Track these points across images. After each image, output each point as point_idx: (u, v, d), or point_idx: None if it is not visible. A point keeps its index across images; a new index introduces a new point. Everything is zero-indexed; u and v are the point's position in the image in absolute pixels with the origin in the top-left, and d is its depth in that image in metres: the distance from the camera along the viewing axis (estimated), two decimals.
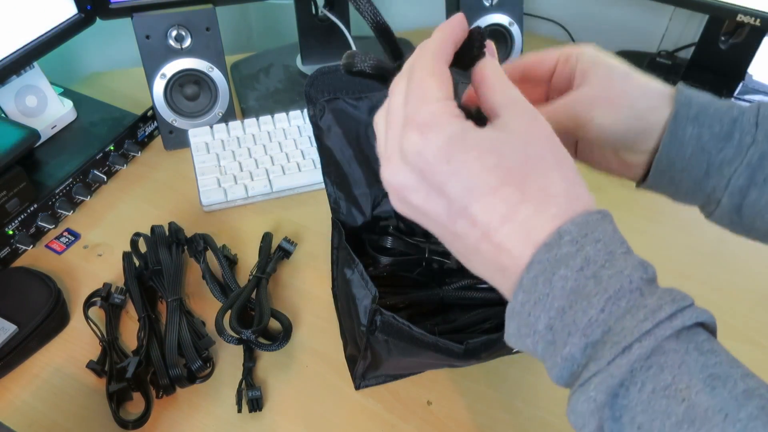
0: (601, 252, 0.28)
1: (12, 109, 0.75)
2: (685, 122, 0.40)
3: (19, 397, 0.57)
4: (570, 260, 0.28)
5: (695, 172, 0.40)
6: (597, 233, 0.29)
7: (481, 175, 0.30)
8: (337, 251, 0.58)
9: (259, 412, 0.56)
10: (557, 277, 0.28)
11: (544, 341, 0.29)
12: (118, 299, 0.62)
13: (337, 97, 0.55)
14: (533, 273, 0.29)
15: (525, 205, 0.29)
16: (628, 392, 0.27)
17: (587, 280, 0.28)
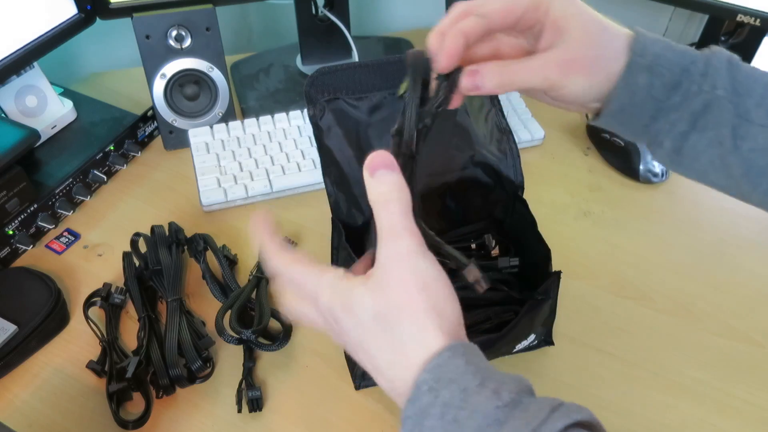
0: (456, 393, 0.30)
1: (12, 109, 0.75)
2: (637, 72, 0.41)
3: (19, 397, 0.57)
4: (431, 409, 0.30)
5: (643, 116, 0.42)
6: (449, 373, 0.31)
7: (350, 336, 0.35)
8: (337, 252, 0.58)
9: (259, 412, 0.56)
10: (426, 428, 0.30)
11: None
12: (118, 299, 0.62)
13: (337, 98, 0.55)
14: (408, 428, 0.31)
15: (380, 358, 0.33)
16: None
17: (450, 425, 0.30)
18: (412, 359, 0.32)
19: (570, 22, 0.41)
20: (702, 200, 0.77)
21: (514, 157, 0.60)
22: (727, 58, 0.41)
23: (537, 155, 0.83)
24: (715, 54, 0.41)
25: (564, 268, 0.53)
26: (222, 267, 0.64)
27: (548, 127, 0.85)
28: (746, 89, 0.41)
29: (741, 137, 0.40)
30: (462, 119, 0.59)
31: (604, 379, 0.59)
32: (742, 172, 0.41)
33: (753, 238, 0.72)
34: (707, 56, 0.41)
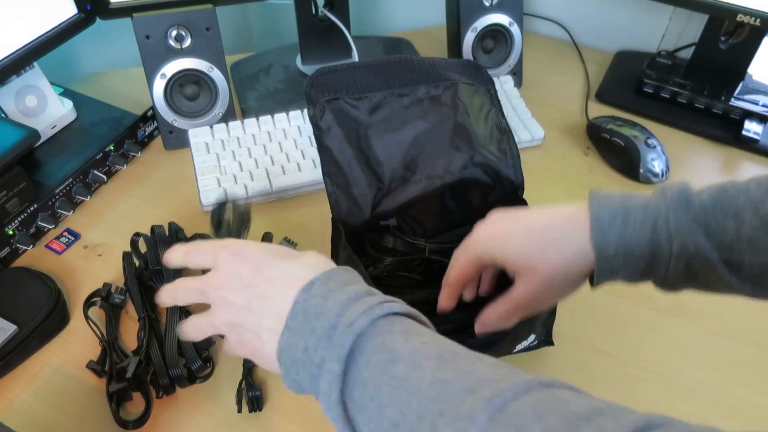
0: (338, 284, 0.38)
1: (12, 109, 0.75)
2: (609, 260, 0.43)
3: (19, 397, 0.57)
4: (318, 292, 0.37)
5: (633, 278, 0.44)
6: (340, 276, 0.38)
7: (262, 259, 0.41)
8: (337, 251, 0.58)
9: (259, 412, 0.56)
10: (311, 306, 0.37)
11: (302, 363, 0.36)
12: (118, 299, 0.62)
13: (337, 98, 0.55)
14: (296, 310, 0.37)
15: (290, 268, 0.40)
16: (356, 360, 0.34)
17: (326, 301, 0.37)
18: (314, 270, 0.39)
19: (514, 266, 0.46)
20: None
21: (514, 157, 0.60)
22: (683, 202, 0.42)
23: (537, 155, 0.83)
24: (670, 205, 0.42)
25: None
26: None
27: (548, 127, 0.85)
28: (718, 228, 0.41)
29: (736, 268, 0.41)
30: (462, 119, 0.59)
31: (604, 379, 0.59)
32: (752, 290, 0.42)
33: None
34: (665, 214, 0.42)
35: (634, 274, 0.43)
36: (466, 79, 0.60)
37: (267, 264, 0.40)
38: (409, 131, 0.57)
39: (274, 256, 0.41)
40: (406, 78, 0.57)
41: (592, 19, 1.06)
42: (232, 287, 0.41)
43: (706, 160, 0.83)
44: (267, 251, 0.42)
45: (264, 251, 0.42)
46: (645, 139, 0.80)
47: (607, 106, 0.93)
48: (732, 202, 0.41)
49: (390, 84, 0.56)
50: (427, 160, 0.58)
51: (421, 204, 0.59)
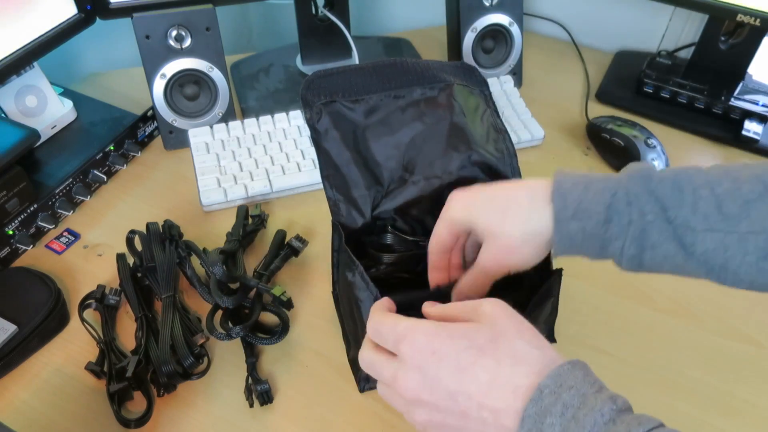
0: (575, 396, 0.34)
1: (12, 109, 0.75)
2: (567, 222, 0.45)
3: (19, 397, 0.57)
4: (552, 408, 0.33)
5: (591, 250, 0.46)
6: (569, 381, 0.35)
7: (460, 356, 0.37)
8: (337, 254, 0.58)
9: (259, 411, 0.56)
10: (546, 425, 0.33)
11: None
12: (113, 300, 0.62)
13: (334, 100, 0.55)
14: (527, 427, 0.34)
15: (502, 369, 0.36)
16: None
17: (569, 423, 0.33)
18: (534, 368, 0.36)
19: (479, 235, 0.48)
20: None
21: (511, 156, 0.60)
22: (644, 176, 0.44)
23: (537, 155, 0.83)
24: (631, 177, 0.44)
25: (564, 267, 0.52)
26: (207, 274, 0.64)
27: (548, 127, 0.85)
28: (675, 202, 0.43)
29: (690, 245, 0.43)
30: (458, 120, 0.59)
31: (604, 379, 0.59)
32: (706, 271, 0.43)
33: None
34: (625, 184, 0.44)
35: (592, 243, 0.45)
36: (460, 81, 0.60)
37: (469, 363, 0.37)
38: (406, 132, 0.57)
39: (471, 350, 0.37)
40: (401, 80, 0.57)
41: (592, 19, 1.06)
42: (435, 394, 0.38)
43: (706, 160, 0.83)
44: (459, 342, 0.37)
45: (456, 343, 0.37)
46: (645, 139, 0.80)
47: (607, 106, 0.93)
48: (690, 180, 0.43)
49: (386, 86, 0.56)
50: (425, 160, 0.58)
51: (420, 204, 0.59)
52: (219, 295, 0.59)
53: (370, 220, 0.58)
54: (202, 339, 0.59)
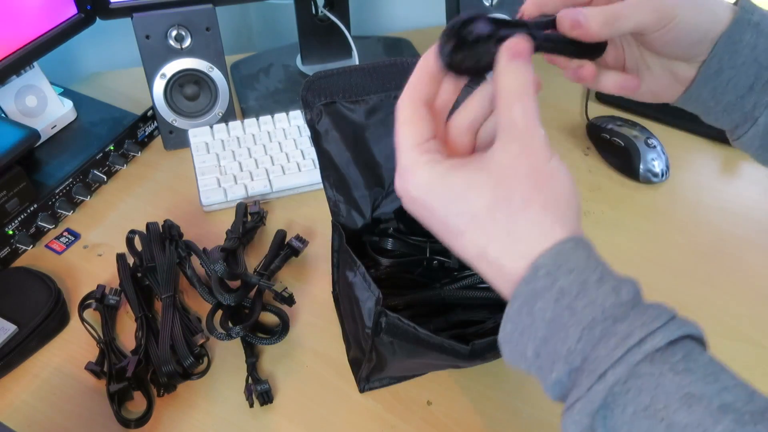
0: (574, 283, 0.30)
1: (12, 109, 0.75)
2: (745, 27, 0.38)
3: (19, 397, 0.57)
4: (546, 293, 0.30)
5: (741, 83, 0.39)
6: (570, 263, 0.31)
7: (449, 221, 0.33)
8: (337, 254, 0.58)
9: (259, 411, 0.56)
10: (537, 309, 0.31)
11: (535, 366, 0.32)
12: (113, 300, 0.62)
13: (334, 101, 0.55)
14: (516, 305, 0.31)
15: (492, 246, 0.32)
16: (612, 413, 0.28)
17: (563, 311, 0.30)
18: (531, 246, 0.31)
19: None
20: (702, 200, 0.77)
21: None
22: None
23: None
24: None
25: None
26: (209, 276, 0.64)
27: (548, 127, 0.85)
28: None
29: None
30: None
31: None
32: None
33: (753, 238, 0.72)
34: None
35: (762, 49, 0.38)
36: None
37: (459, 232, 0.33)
38: None
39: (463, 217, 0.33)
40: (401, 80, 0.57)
41: None
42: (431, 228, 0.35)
43: (706, 160, 0.83)
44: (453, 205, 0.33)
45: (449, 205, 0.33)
46: (645, 139, 0.80)
47: (607, 106, 0.93)
48: None
49: (386, 86, 0.56)
50: None
51: None
52: (220, 292, 0.59)
53: (371, 221, 0.58)
54: (202, 339, 0.59)
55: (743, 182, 0.79)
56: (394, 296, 0.58)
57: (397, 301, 0.58)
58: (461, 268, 0.60)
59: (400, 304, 0.58)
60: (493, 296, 0.58)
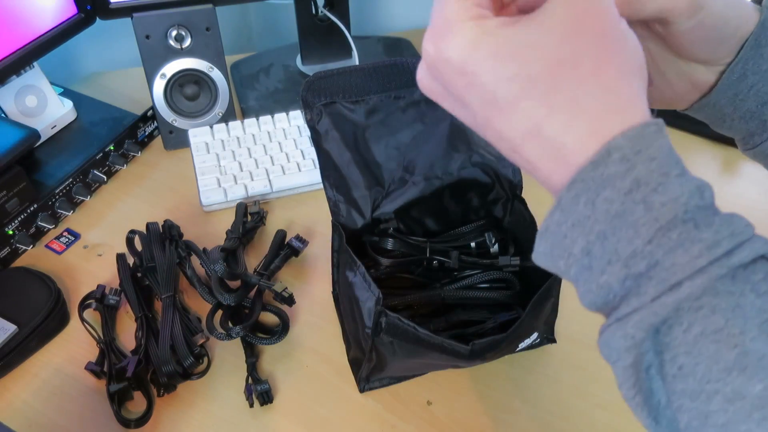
0: (655, 173, 0.25)
1: (12, 109, 0.75)
2: None
3: (19, 397, 0.57)
4: (617, 181, 0.25)
5: (764, 90, 0.37)
6: (652, 150, 0.25)
7: (498, 87, 0.27)
8: (337, 254, 0.58)
9: (259, 411, 0.56)
10: (601, 199, 0.26)
11: (579, 265, 0.27)
12: (113, 300, 0.62)
13: (334, 101, 0.55)
14: (574, 192, 0.26)
15: (552, 119, 0.26)
16: (671, 330, 0.25)
17: (636, 206, 0.25)
18: (602, 122, 0.26)
19: None
20: None
21: None
22: None
23: None
24: None
25: None
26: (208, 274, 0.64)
27: None
28: None
29: None
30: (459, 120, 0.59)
31: (605, 378, 0.59)
32: None
33: None
34: None
35: None
36: None
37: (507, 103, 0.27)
38: (406, 133, 0.57)
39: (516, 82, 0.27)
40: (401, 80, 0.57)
41: None
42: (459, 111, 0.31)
43: (706, 160, 0.83)
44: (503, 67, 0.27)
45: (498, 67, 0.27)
46: None
47: None
48: None
49: (386, 87, 0.56)
50: (425, 161, 0.58)
51: (420, 205, 0.59)
52: (220, 292, 0.59)
53: (371, 221, 0.58)
54: (202, 339, 0.59)
55: (743, 182, 0.79)
56: (394, 296, 0.58)
57: (397, 301, 0.58)
58: (461, 268, 0.60)
59: (400, 304, 0.58)
60: (493, 296, 0.58)
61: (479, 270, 0.60)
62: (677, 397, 0.25)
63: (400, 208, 0.59)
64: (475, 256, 0.60)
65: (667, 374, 0.25)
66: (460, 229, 0.61)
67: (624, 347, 0.26)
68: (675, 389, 0.25)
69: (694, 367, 0.24)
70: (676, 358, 0.25)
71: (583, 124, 0.26)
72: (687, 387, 0.25)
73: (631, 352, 0.25)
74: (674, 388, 0.25)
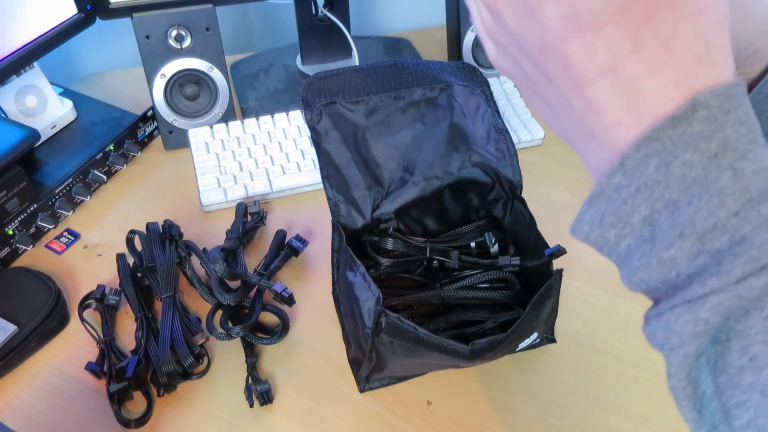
0: (744, 139, 0.22)
1: (12, 109, 0.75)
2: None
3: (19, 397, 0.57)
4: (701, 142, 0.22)
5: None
6: (740, 113, 0.23)
7: (586, 6, 0.23)
8: (337, 254, 0.58)
9: (259, 411, 0.56)
10: (679, 162, 0.22)
11: (636, 236, 0.24)
12: (113, 300, 0.62)
13: (334, 102, 0.55)
14: (644, 151, 0.23)
15: (635, 57, 0.23)
16: (748, 317, 0.22)
17: (722, 172, 0.22)
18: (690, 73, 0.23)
19: None
20: None
21: (511, 156, 0.60)
22: None
23: (537, 155, 0.83)
24: None
25: (564, 267, 0.53)
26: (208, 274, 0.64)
27: (548, 127, 0.85)
28: None
29: None
30: (458, 120, 0.59)
31: (605, 378, 0.59)
32: None
33: None
34: None
35: None
36: (461, 81, 0.60)
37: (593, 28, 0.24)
38: (406, 133, 0.57)
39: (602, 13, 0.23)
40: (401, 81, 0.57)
41: None
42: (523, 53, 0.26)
43: None
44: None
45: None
46: None
47: None
48: None
49: (386, 87, 0.57)
50: (425, 161, 0.58)
51: (420, 205, 0.59)
52: (220, 292, 0.59)
53: (371, 221, 0.58)
54: (202, 339, 0.59)
55: None
56: (394, 296, 0.58)
57: (397, 301, 0.58)
58: (461, 268, 0.60)
59: (400, 304, 0.58)
60: (493, 296, 0.58)
61: (479, 270, 0.60)
62: (741, 392, 0.22)
63: (400, 208, 0.59)
64: (475, 256, 0.60)
65: (731, 365, 0.23)
66: (460, 229, 0.61)
67: (691, 333, 0.23)
68: (740, 382, 0.22)
69: None
70: (749, 347, 0.22)
71: (671, 70, 0.23)
72: (758, 380, 0.22)
73: (698, 339, 0.23)
74: (740, 381, 0.22)
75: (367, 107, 0.56)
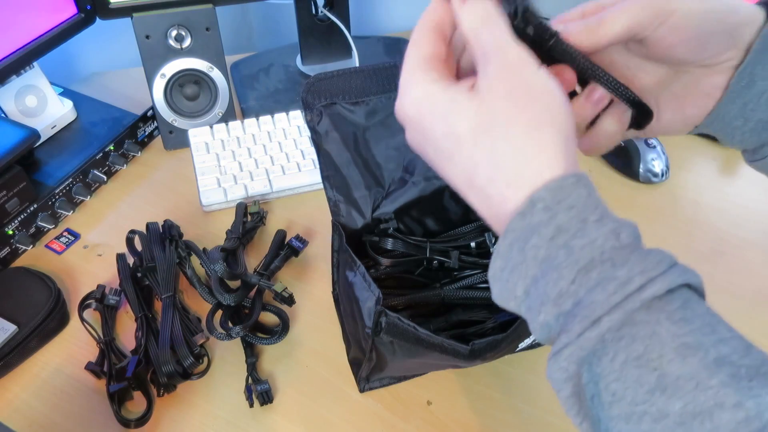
0: (574, 220, 0.28)
1: (12, 109, 0.75)
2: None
3: (19, 397, 0.57)
4: (542, 229, 0.28)
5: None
6: (571, 199, 0.28)
7: (439, 143, 0.32)
8: (337, 254, 0.58)
9: (259, 411, 0.56)
10: (530, 246, 0.29)
11: (525, 306, 0.30)
12: (113, 300, 0.62)
13: (334, 102, 0.55)
14: (508, 240, 0.29)
15: (478, 173, 0.30)
16: (600, 361, 0.27)
17: (558, 250, 0.28)
18: (527, 177, 0.29)
19: None
20: (702, 200, 0.77)
21: None
22: None
23: None
24: None
25: None
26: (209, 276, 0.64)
27: None
28: None
29: None
30: None
31: None
32: None
33: (753, 238, 0.72)
34: None
35: None
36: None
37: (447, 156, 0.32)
38: None
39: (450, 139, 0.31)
40: None
41: None
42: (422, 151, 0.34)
43: (706, 160, 0.83)
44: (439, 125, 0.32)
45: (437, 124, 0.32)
46: (645, 139, 0.80)
47: None
48: None
49: (386, 88, 0.56)
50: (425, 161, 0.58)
51: (420, 205, 0.59)
52: (220, 292, 0.59)
53: (371, 221, 0.58)
54: (202, 339, 0.59)
55: (743, 182, 0.79)
56: (394, 296, 0.58)
57: (397, 301, 0.58)
58: (461, 268, 0.60)
59: (400, 304, 0.58)
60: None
61: (479, 270, 0.60)
62: (615, 423, 0.27)
63: (400, 208, 0.59)
64: (475, 256, 0.60)
65: (605, 402, 0.27)
66: (460, 229, 0.61)
67: (561, 379, 0.28)
68: (612, 414, 0.27)
69: (624, 392, 0.26)
70: (609, 385, 0.27)
71: (501, 178, 0.30)
72: (621, 411, 0.27)
73: (568, 383, 0.28)
74: (611, 413, 0.27)
75: (367, 108, 0.56)
